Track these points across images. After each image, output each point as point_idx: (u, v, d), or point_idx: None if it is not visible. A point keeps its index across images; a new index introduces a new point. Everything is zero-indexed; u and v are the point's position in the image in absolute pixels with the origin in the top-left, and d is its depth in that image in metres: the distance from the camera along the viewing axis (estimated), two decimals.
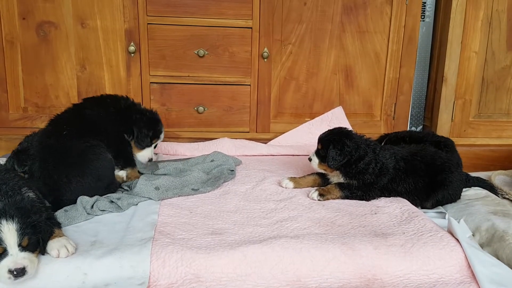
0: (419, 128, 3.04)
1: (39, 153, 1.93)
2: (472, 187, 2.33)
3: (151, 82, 2.69)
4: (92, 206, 1.78)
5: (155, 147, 2.31)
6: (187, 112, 2.76)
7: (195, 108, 2.74)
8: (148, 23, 2.59)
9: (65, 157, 1.90)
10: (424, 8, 2.87)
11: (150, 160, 2.25)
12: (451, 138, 2.57)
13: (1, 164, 1.72)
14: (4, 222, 1.31)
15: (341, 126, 2.51)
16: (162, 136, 2.30)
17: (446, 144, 2.38)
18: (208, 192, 2.07)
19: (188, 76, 2.71)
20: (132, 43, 2.60)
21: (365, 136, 2.09)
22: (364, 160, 1.98)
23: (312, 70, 2.76)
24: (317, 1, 2.66)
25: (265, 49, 2.67)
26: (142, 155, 2.23)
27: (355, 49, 2.75)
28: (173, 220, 1.76)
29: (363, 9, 2.69)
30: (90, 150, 1.95)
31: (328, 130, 2.10)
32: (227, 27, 2.65)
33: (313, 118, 2.80)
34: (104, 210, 1.80)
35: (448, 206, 2.11)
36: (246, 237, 1.61)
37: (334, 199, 1.99)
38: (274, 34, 2.67)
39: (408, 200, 2.03)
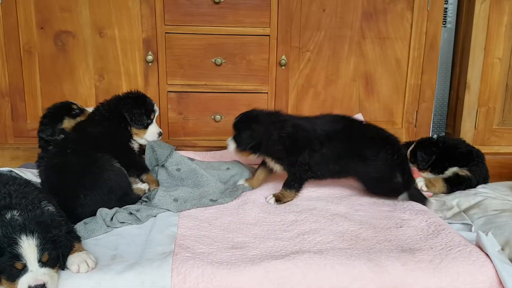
0: None
1: (46, 175, 1.95)
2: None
3: (168, 91, 2.68)
4: (111, 218, 1.76)
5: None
6: (204, 121, 2.73)
7: (212, 117, 2.71)
8: (166, 32, 2.57)
9: (73, 174, 1.88)
10: (446, 14, 2.81)
11: (160, 134, 2.24)
12: (474, 146, 2.51)
13: (21, 177, 1.70)
14: (24, 237, 1.29)
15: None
16: (156, 108, 2.26)
17: (478, 155, 2.33)
18: (227, 203, 2.04)
19: (205, 84, 2.69)
20: (150, 53, 2.59)
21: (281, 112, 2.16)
22: (271, 139, 2.04)
23: (330, 77, 2.71)
24: (336, 7, 2.61)
25: (283, 56, 2.64)
26: (150, 133, 2.21)
27: (375, 56, 2.69)
28: (193, 232, 1.73)
29: (383, 15, 2.64)
30: (97, 163, 1.93)
31: (241, 114, 2.15)
32: (244, 35, 2.62)
33: None
34: (123, 222, 1.78)
35: (474, 217, 2.04)
36: (267, 252, 1.57)
37: (290, 200, 2.06)
38: (292, 41, 2.63)
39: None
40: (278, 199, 2.05)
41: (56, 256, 1.36)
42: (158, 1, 2.52)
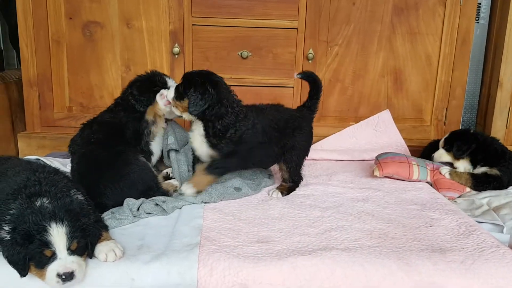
0: None
1: (76, 163, 1.96)
2: None
3: None
4: (138, 209, 1.76)
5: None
6: None
7: None
8: (192, 24, 2.57)
9: (96, 165, 1.88)
10: (479, 9, 2.74)
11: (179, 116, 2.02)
12: (505, 146, 2.43)
13: (50, 165, 1.71)
14: (53, 225, 1.30)
15: (389, 130, 2.43)
16: (170, 83, 2.06)
17: (511, 156, 2.26)
18: (251, 195, 2.03)
19: (231, 77, 2.67)
20: (176, 44, 2.58)
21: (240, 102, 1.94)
22: (223, 120, 1.84)
23: (359, 73, 2.67)
24: (367, 1, 2.57)
25: (310, 50, 2.60)
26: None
27: (405, 51, 2.64)
28: (218, 225, 1.72)
29: (414, 10, 2.58)
30: (121, 156, 1.92)
31: (197, 71, 1.94)
32: (271, 28, 2.59)
33: (358, 122, 2.71)
34: (149, 213, 1.78)
35: (506, 218, 1.98)
36: (294, 247, 1.55)
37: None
38: (320, 35, 2.60)
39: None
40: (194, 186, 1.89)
41: (84, 244, 1.36)
42: None
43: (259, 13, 2.56)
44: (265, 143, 1.94)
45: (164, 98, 2.00)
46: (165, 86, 2.06)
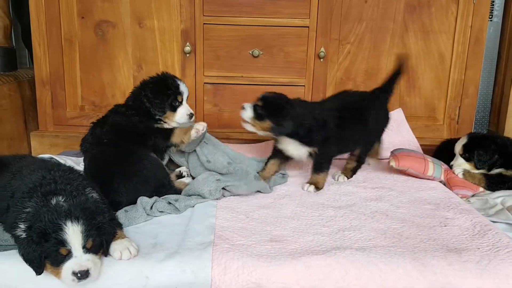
0: None
1: (88, 165, 1.98)
2: None
3: (205, 83, 2.68)
4: (151, 207, 1.77)
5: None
6: (240, 113, 2.71)
7: None
8: (204, 23, 2.57)
9: (108, 164, 1.90)
10: (493, 7, 2.71)
11: (191, 115, 2.11)
12: None
13: (64, 164, 1.72)
14: (69, 223, 1.30)
15: (401, 129, 2.45)
16: (182, 89, 2.09)
17: None
18: (266, 191, 2.04)
19: (242, 76, 2.67)
20: (187, 44, 2.59)
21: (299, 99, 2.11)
22: (307, 132, 2.00)
23: (371, 71, 2.65)
24: None
25: (322, 48, 2.59)
26: (179, 116, 2.09)
27: (418, 49, 2.62)
28: (231, 224, 1.72)
29: (427, 8, 2.56)
30: (133, 154, 1.93)
31: (273, 92, 2.06)
32: (283, 27, 2.59)
33: None
34: (162, 212, 1.79)
35: None
36: (307, 246, 1.54)
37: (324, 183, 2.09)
38: (332, 33, 2.58)
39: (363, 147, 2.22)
40: (316, 186, 2.05)
41: (99, 242, 1.37)
42: None
43: (271, 12, 2.56)
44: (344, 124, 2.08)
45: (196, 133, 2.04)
46: (178, 90, 2.08)
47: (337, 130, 2.06)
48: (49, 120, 2.74)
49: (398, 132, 2.62)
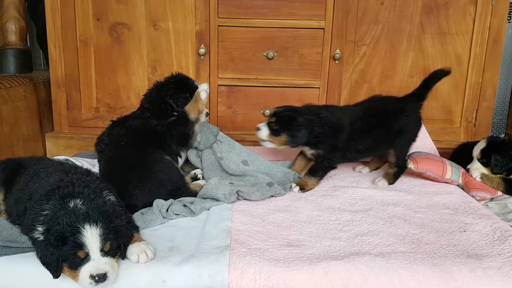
0: None
1: (103, 166, 1.99)
2: None
3: (219, 85, 2.67)
4: (167, 210, 1.76)
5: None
6: (254, 115, 2.70)
7: (262, 111, 2.68)
8: (219, 25, 2.56)
9: (124, 166, 1.89)
10: (511, 9, 2.66)
11: (207, 114, 2.15)
12: None
13: (82, 167, 1.72)
14: (87, 226, 1.30)
15: None
16: (201, 86, 2.11)
17: None
18: (281, 195, 2.03)
19: (256, 78, 2.66)
20: (202, 45, 2.58)
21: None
22: (314, 130, 2.08)
23: (387, 73, 2.62)
24: (395, 0, 2.52)
25: (337, 50, 2.57)
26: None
27: (435, 51, 2.58)
28: (247, 228, 1.70)
29: (444, 10, 2.52)
30: (149, 156, 1.93)
31: (284, 107, 2.17)
32: (298, 28, 2.57)
33: None
34: (178, 214, 1.78)
35: None
36: (325, 251, 1.52)
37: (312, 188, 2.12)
38: (347, 35, 2.56)
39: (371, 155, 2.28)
40: (302, 188, 2.09)
41: (117, 245, 1.36)
42: None
43: (286, 14, 2.55)
44: (363, 133, 2.12)
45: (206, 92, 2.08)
46: (196, 86, 2.11)
47: (349, 139, 2.11)
48: (64, 122, 2.75)
49: None
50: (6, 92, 2.46)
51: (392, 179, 2.21)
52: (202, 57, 2.61)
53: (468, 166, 2.25)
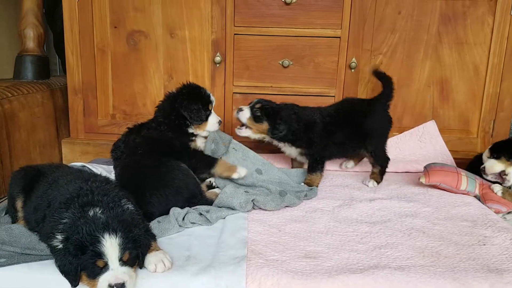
0: None
1: (118, 174, 2.01)
2: None
3: (234, 92, 2.67)
4: (183, 219, 1.76)
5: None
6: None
7: None
8: (235, 34, 2.57)
9: (140, 173, 1.90)
10: None
11: (220, 122, 2.20)
12: None
13: (100, 174, 1.73)
14: (107, 236, 1.30)
15: (434, 141, 2.59)
16: (212, 97, 2.18)
17: None
18: (295, 205, 2.02)
19: (271, 86, 2.66)
20: (218, 54, 2.59)
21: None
22: (292, 126, 2.19)
23: (403, 82, 2.60)
24: (413, 10, 2.51)
25: (353, 59, 2.56)
26: (211, 124, 2.16)
27: (452, 61, 2.56)
28: (263, 238, 1.70)
29: (462, 19, 2.50)
30: (166, 164, 1.94)
31: (267, 100, 2.25)
32: (314, 37, 2.57)
33: (401, 133, 2.65)
34: (194, 223, 1.78)
35: None
36: (343, 264, 1.51)
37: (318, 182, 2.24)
38: (364, 43, 2.55)
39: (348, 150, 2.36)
40: (310, 184, 2.20)
41: (135, 255, 1.36)
42: (229, 2, 2.52)
43: (302, 22, 2.55)
44: (332, 124, 2.23)
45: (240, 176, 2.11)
46: (209, 99, 2.14)
47: (323, 133, 2.21)
48: (80, 128, 2.77)
49: (431, 145, 2.58)
50: (24, 98, 2.49)
51: (379, 178, 2.31)
52: (217, 65, 2.61)
53: (483, 166, 2.26)
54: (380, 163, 2.32)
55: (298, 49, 2.59)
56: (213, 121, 2.17)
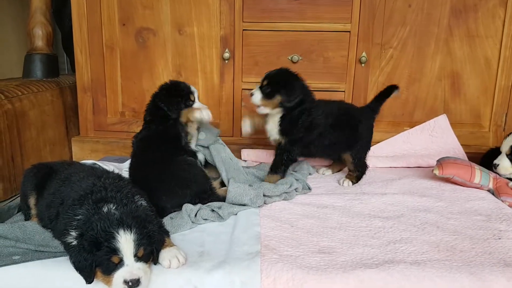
0: None
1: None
2: None
3: (243, 89, 2.66)
4: (195, 215, 1.76)
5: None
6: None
7: None
8: (243, 29, 2.56)
9: (146, 168, 1.91)
10: None
11: (207, 113, 2.11)
12: None
13: (113, 171, 1.73)
14: (121, 232, 1.30)
15: (446, 136, 2.55)
16: (193, 88, 2.12)
17: None
18: (302, 193, 2.08)
19: None
20: (227, 50, 2.58)
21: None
22: (303, 106, 2.12)
23: (414, 76, 2.58)
24: (423, 3, 2.48)
25: (363, 53, 2.54)
26: (196, 111, 2.08)
27: (463, 54, 2.53)
28: (276, 233, 1.69)
29: (473, 12, 2.47)
30: (168, 157, 1.94)
31: (277, 70, 2.17)
32: (323, 32, 2.55)
33: (412, 127, 2.63)
34: (206, 219, 1.78)
35: None
36: (357, 259, 1.50)
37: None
38: (374, 37, 2.53)
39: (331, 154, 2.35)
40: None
41: (150, 251, 1.36)
42: None
43: (311, 17, 2.53)
44: (332, 129, 2.17)
45: (199, 113, 2.07)
46: (189, 90, 2.11)
47: (319, 134, 2.16)
48: (89, 126, 2.77)
49: (443, 139, 2.55)
50: (34, 97, 2.49)
51: (355, 179, 2.27)
52: (226, 61, 2.60)
53: (495, 161, 2.22)
54: (360, 169, 2.28)
55: (307, 44, 2.58)
56: (197, 106, 2.11)
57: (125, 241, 1.30)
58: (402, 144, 2.60)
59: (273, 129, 2.18)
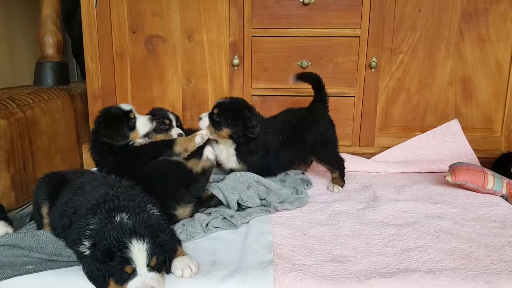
0: None
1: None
2: None
3: (252, 95, 2.66)
4: (207, 225, 1.76)
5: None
6: None
7: None
8: (252, 36, 2.56)
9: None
10: None
11: (151, 119, 2.05)
12: None
13: (125, 180, 1.73)
14: (134, 242, 1.30)
15: (458, 141, 2.52)
16: (125, 106, 2.04)
17: None
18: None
19: (290, 88, 2.64)
20: (236, 56, 2.58)
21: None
22: (256, 140, 2.07)
23: (425, 81, 2.56)
24: (433, 7, 2.47)
25: (373, 58, 2.53)
26: (140, 127, 2.02)
27: (474, 59, 2.51)
28: (288, 242, 1.68)
29: (484, 16, 2.45)
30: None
31: (229, 98, 2.13)
32: (332, 37, 2.54)
33: (424, 132, 2.60)
34: (217, 227, 1.77)
35: None
36: (372, 268, 1.48)
37: None
38: (384, 42, 2.52)
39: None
40: None
41: (162, 260, 1.36)
42: (247, 4, 2.51)
43: (320, 22, 2.52)
44: (285, 143, 2.15)
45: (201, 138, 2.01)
46: (124, 111, 2.02)
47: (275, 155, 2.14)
48: None
49: (454, 144, 2.53)
50: (45, 105, 2.51)
51: (341, 181, 2.27)
52: (235, 67, 2.60)
53: None
54: (337, 166, 2.27)
55: (316, 49, 2.57)
56: (141, 122, 2.04)
57: (138, 251, 1.30)
58: (414, 149, 2.58)
59: (228, 159, 2.13)
